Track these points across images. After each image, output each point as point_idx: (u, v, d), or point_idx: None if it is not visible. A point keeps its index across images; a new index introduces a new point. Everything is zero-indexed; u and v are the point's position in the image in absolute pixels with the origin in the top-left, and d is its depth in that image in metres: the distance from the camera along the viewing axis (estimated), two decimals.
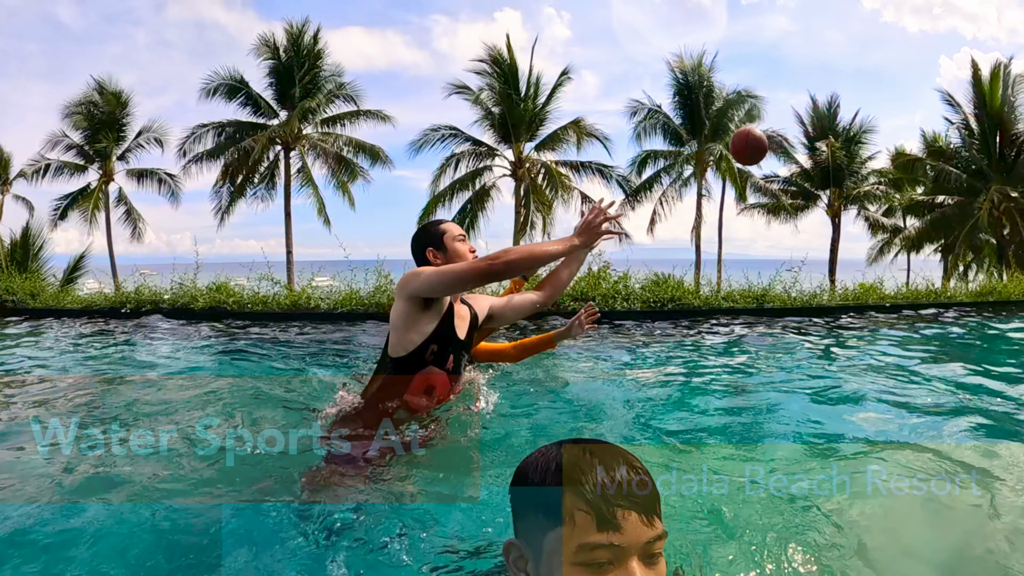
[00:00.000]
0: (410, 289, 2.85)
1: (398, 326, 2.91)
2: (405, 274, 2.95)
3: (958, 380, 5.10)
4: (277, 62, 25.95)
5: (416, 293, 2.85)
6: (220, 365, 6.42)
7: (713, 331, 8.20)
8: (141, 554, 2.36)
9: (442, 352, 2.95)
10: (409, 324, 2.89)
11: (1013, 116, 24.62)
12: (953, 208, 25.62)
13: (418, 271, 2.89)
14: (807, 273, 11.29)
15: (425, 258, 3.09)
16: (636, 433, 3.54)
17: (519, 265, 2.85)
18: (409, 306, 2.87)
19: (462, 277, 2.81)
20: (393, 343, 2.95)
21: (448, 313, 2.97)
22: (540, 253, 2.91)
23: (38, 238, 17.25)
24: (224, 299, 10.31)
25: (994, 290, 11.55)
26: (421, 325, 2.89)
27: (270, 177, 26.91)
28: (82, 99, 27.10)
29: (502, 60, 25.38)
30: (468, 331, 3.10)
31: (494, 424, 3.16)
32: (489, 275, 2.85)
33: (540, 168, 25.89)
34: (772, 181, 29.61)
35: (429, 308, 2.89)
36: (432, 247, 3.10)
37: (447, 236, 3.09)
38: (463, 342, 3.05)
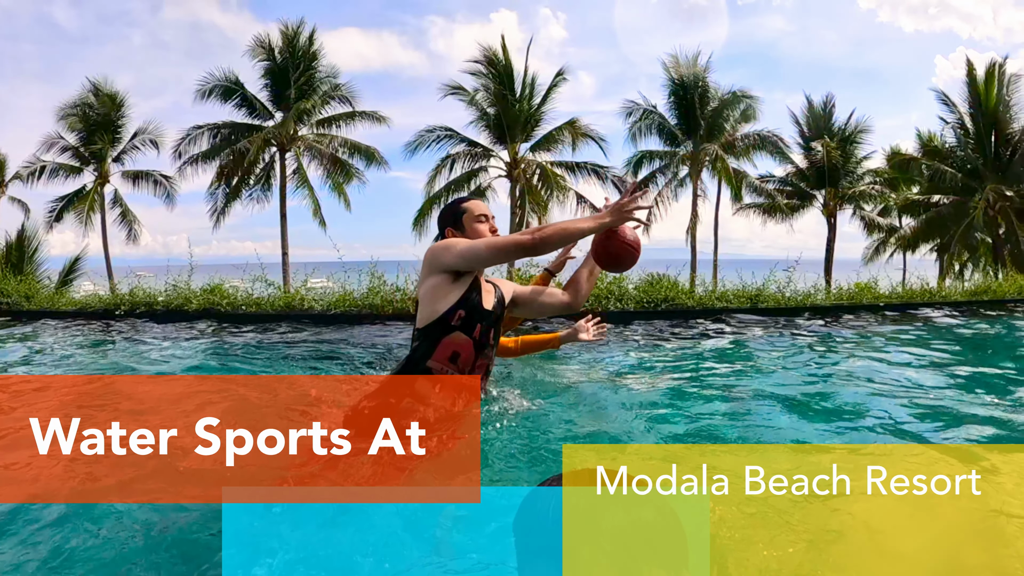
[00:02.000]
0: (442, 263, 2.89)
1: (426, 299, 2.94)
2: (433, 247, 2.97)
3: (954, 379, 5.11)
4: (272, 63, 25.90)
5: (448, 267, 2.89)
6: (216, 366, 6.41)
7: (707, 331, 8.20)
8: (141, 555, 2.37)
9: (469, 319, 2.95)
10: (438, 296, 2.92)
11: (1008, 116, 24.70)
12: (948, 207, 25.69)
13: (448, 244, 2.92)
14: (802, 273, 11.29)
15: (445, 237, 3.10)
16: (633, 433, 3.53)
17: (551, 240, 2.87)
18: (439, 279, 2.91)
19: (494, 250, 2.85)
20: (420, 317, 2.97)
21: (475, 282, 2.98)
22: (573, 229, 2.90)
23: (33, 240, 17.22)
24: (218, 301, 10.29)
25: (988, 289, 11.56)
26: (449, 295, 2.91)
27: (265, 179, 26.87)
28: (77, 101, 27.02)
29: (497, 61, 25.38)
30: (495, 305, 3.08)
31: (491, 424, 3.15)
32: (521, 249, 2.89)
33: (535, 169, 25.91)
34: (768, 181, 29.62)
35: (457, 280, 2.91)
36: (451, 227, 3.11)
37: (467, 216, 3.09)
38: (490, 313, 3.04)
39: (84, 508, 2.75)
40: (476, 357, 3.03)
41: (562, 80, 26.12)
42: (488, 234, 3.07)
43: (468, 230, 3.07)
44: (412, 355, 3.01)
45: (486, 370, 3.17)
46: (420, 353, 2.97)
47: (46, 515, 2.70)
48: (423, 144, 26.09)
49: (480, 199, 3.25)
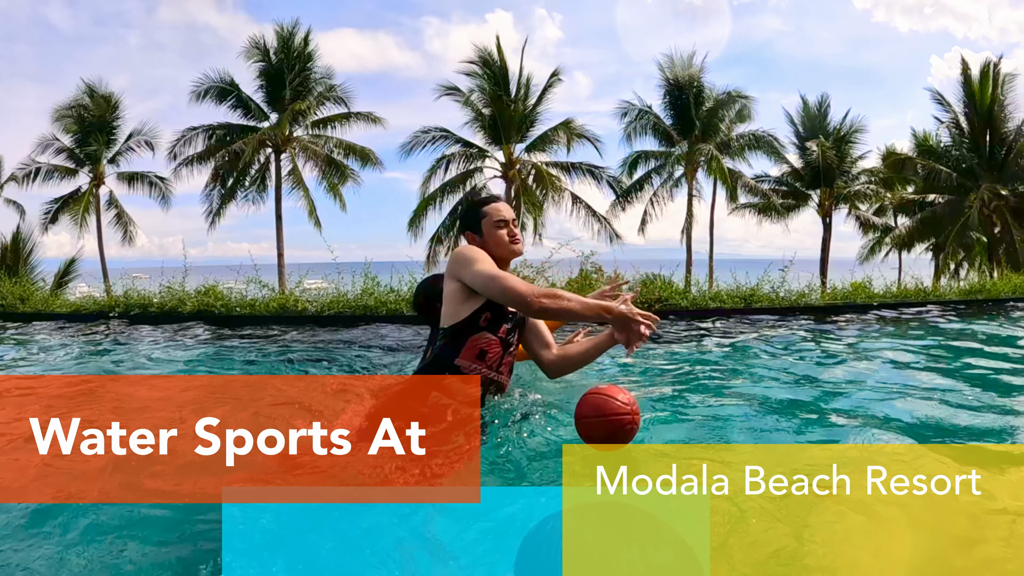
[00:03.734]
0: (459, 275, 2.92)
1: (450, 300, 2.96)
2: (456, 255, 2.98)
3: (950, 378, 5.11)
4: (267, 64, 25.91)
5: (462, 281, 2.91)
6: (212, 367, 6.40)
7: (701, 331, 8.19)
8: (141, 555, 2.36)
9: (495, 320, 2.98)
10: (462, 298, 2.94)
11: (1003, 115, 24.79)
12: (944, 207, 25.77)
13: (468, 260, 2.92)
14: (796, 272, 11.30)
15: (466, 239, 3.12)
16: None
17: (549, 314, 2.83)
18: (460, 285, 2.93)
19: (506, 295, 2.82)
20: (445, 315, 2.99)
21: None
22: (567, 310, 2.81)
23: (28, 242, 17.20)
24: (212, 303, 10.27)
25: (983, 288, 11.59)
26: (473, 297, 2.93)
27: (261, 180, 26.83)
28: (72, 102, 26.95)
29: (492, 61, 25.37)
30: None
31: (493, 423, 3.15)
32: (523, 306, 2.84)
33: (531, 169, 25.91)
34: (763, 181, 29.65)
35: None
36: (471, 231, 3.10)
37: (486, 220, 3.07)
38: (512, 315, 3.06)
39: (83, 508, 2.73)
40: (503, 355, 3.06)
41: (557, 80, 26.11)
42: (506, 240, 3.05)
43: (487, 235, 3.05)
44: (439, 354, 3.02)
45: (510, 368, 3.18)
46: (447, 352, 2.98)
47: (46, 515, 2.69)
48: (418, 145, 26.05)
49: (500, 201, 3.18)
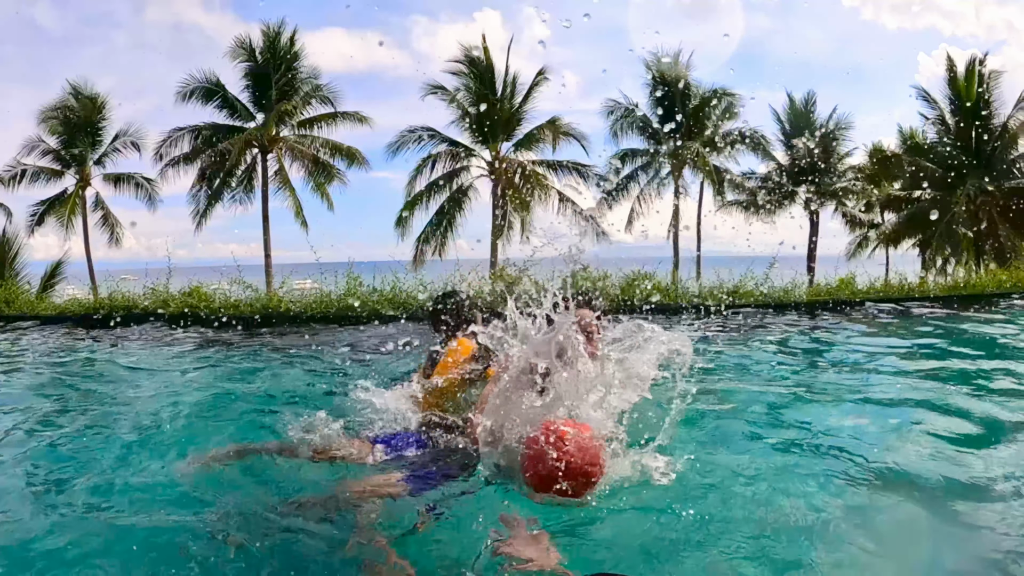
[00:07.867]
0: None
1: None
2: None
3: (938, 375, 5.14)
4: (254, 64, 25.87)
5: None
6: (194, 369, 6.40)
7: (687, 328, 8.21)
8: (143, 556, 2.41)
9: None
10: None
11: (989, 111, 24.86)
12: (930, 203, 25.83)
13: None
14: (780, 270, 11.33)
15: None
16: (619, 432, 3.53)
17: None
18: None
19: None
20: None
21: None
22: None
23: (14, 244, 17.11)
24: (196, 304, 10.25)
25: (968, 283, 11.66)
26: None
27: (247, 180, 26.78)
28: (58, 104, 26.86)
29: (478, 60, 25.37)
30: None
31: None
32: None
33: (517, 168, 25.90)
34: (750, 178, 29.72)
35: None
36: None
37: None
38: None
39: (82, 508, 2.78)
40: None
41: (543, 79, 26.04)
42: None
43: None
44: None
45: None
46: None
47: (45, 515, 2.72)
48: (405, 144, 26.00)
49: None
